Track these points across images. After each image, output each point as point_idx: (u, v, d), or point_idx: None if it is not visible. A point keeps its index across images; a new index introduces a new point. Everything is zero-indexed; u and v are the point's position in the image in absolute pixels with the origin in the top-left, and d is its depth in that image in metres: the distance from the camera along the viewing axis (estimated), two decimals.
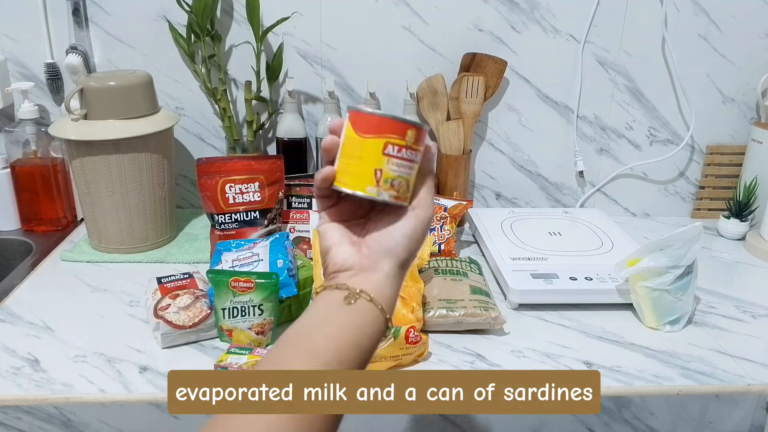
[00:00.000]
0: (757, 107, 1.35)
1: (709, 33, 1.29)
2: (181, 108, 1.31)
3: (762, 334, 0.97)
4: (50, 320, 0.96)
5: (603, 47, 1.29)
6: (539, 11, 1.26)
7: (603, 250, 1.14)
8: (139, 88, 1.11)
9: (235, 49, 1.27)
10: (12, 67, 1.27)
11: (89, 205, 1.14)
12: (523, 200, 1.41)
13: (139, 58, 1.27)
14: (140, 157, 1.11)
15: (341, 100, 1.31)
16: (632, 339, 0.95)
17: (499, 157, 1.37)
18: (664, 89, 1.33)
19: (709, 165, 1.38)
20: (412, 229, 0.55)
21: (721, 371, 0.88)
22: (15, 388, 0.81)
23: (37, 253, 1.18)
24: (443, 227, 1.15)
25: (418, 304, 0.91)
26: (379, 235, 0.55)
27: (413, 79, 1.29)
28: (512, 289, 1.01)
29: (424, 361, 0.89)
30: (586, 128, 1.36)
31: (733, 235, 1.30)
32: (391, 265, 0.54)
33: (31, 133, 1.21)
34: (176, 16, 1.22)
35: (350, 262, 0.55)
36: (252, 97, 1.24)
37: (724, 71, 1.32)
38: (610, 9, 1.27)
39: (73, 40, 1.24)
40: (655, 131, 1.36)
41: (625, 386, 0.85)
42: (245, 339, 0.89)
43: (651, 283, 0.95)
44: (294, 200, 1.16)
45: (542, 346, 0.93)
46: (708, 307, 1.05)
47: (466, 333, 0.95)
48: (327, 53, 1.28)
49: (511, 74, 1.30)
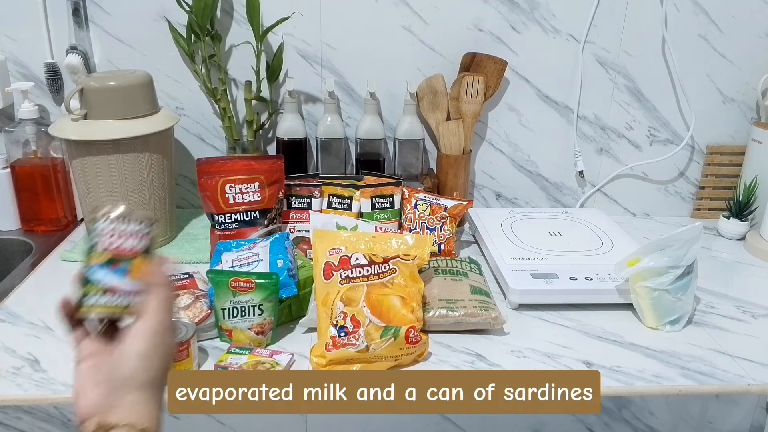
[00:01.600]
0: (757, 107, 1.35)
1: (709, 33, 1.29)
2: (181, 108, 1.31)
3: (762, 334, 0.97)
4: (50, 320, 0.96)
5: (603, 47, 1.29)
6: (539, 11, 1.26)
7: (603, 250, 1.14)
8: (139, 88, 1.11)
9: (235, 49, 1.27)
10: (12, 67, 1.27)
11: (89, 205, 1.14)
12: (523, 200, 1.41)
13: (139, 58, 1.27)
14: (140, 157, 1.11)
15: (341, 100, 1.31)
16: (632, 339, 0.95)
17: (499, 157, 1.37)
18: (664, 89, 1.33)
19: (709, 165, 1.38)
20: (144, 346, 0.51)
21: (721, 371, 0.88)
22: (15, 388, 0.81)
23: (37, 253, 1.18)
24: (443, 227, 1.15)
25: (418, 304, 0.91)
26: (113, 367, 0.51)
27: (413, 79, 1.29)
28: (512, 289, 1.01)
29: (424, 361, 0.89)
30: (586, 128, 1.36)
31: (733, 235, 1.30)
32: (135, 394, 0.51)
33: (31, 133, 1.21)
34: (176, 16, 1.22)
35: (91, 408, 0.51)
36: (252, 97, 1.25)
37: (724, 71, 1.32)
38: (610, 9, 1.27)
39: (73, 40, 1.24)
40: (655, 131, 1.36)
41: (625, 386, 0.85)
42: (245, 339, 0.89)
43: (651, 283, 0.95)
44: (294, 200, 1.16)
45: (542, 346, 0.93)
46: (708, 307, 1.05)
47: (466, 333, 0.95)
48: (327, 53, 1.28)
49: (511, 74, 1.30)
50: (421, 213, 1.16)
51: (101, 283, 0.54)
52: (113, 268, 0.54)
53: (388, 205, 1.17)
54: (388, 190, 1.17)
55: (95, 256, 0.54)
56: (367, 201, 1.16)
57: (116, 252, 0.54)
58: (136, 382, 0.51)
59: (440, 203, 1.16)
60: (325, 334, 0.86)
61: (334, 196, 1.16)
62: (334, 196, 1.16)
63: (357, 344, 0.84)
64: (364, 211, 1.16)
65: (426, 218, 1.15)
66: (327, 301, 0.88)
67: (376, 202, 1.16)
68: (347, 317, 0.85)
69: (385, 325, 0.85)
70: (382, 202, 1.17)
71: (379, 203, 1.17)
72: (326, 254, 0.92)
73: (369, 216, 1.16)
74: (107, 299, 0.53)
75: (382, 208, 1.17)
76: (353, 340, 0.84)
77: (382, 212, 1.17)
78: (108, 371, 0.52)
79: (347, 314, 0.86)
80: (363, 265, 0.90)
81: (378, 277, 0.90)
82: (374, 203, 1.16)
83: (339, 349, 0.84)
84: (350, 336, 0.84)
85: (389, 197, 1.17)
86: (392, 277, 0.91)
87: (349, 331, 0.85)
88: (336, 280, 0.89)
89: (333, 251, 0.92)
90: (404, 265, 0.92)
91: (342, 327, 0.85)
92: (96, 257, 0.54)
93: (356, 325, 0.85)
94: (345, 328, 0.85)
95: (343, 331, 0.85)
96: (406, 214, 1.18)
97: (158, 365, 0.52)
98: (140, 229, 0.55)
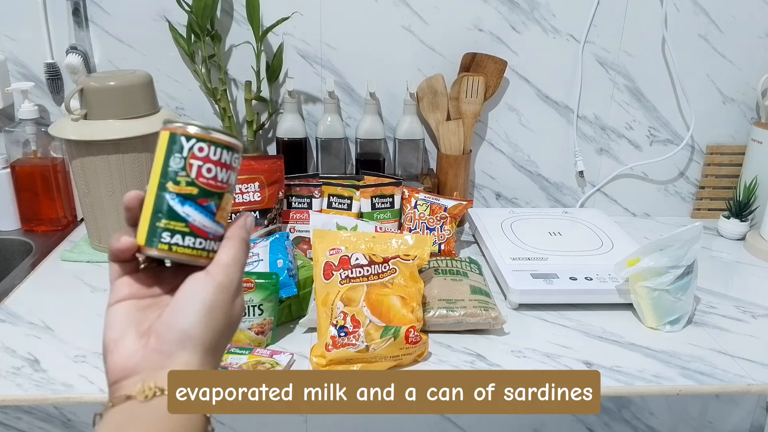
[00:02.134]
0: (757, 107, 1.35)
1: (709, 33, 1.29)
2: (181, 108, 1.31)
3: (762, 334, 0.97)
4: (50, 320, 0.96)
5: (603, 47, 1.29)
6: (539, 11, 1.26)
7: (603, 250, 1.14)
8: (139, 88, 1.11)
9: (235, 49, 1.27)
10: (12, 67, 1.27)
11: (89, 205, 1.14)
12: (523, 200, 1.41)
13: (139, 58, 1.27)
14: (140, 157, 1.11)
15: (341, 100, 1.31)
16: (632, 339, 0.95)
17: (499, 157, 1.37)
18: (664, 89, 1.33)
19: (709, 165, 1.38)
20: (211, 297, 0.43)
21: (721, 371, 0.88)
22: (15, 388, 0.81)
23: (37, 253, 1.18)
24: (443, 227, 1.15)
25: (418, 304, 0.91)
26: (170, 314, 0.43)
27: (413, 79, 1.29)
28: (512, 289, 1.01)
29: (424, 361, 0.89)
30: (586, 128, 1.36)
31: (733, 235, 1.30)
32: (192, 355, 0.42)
33: (31, 133, 1.21)
34: (176, 16, 1.22)
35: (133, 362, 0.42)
36: (252, 97, 1.25)
37: (724, 71, 1.32)
38: (610, 9, 1.27)
39: (73, 40, 1.24)
40: (655, 131, 1.36)
41: (625, 386, 0.85)
42: (245, 339, 0.89)
43: (651, 283, 0.95)
44: (294, 200, 1.16)
45: (542, 346, 0.93)
46: (708, 307, 1.05)
47: (466, 333, 0.95)
48: (327, 53, 1.28)
49: (511, 74, 1.30)
50: (421, 213, 1.16)
51: (189, 219, 0.44)
52: (201, 204, 0.44)
53: (388, 205, 1.17)
54: (388, 190, 1.17)
55: (181, 184, 0.44)
56: (367, 201, 1.16)
57: (207, 184, 0.44)
58: (194, 340, 0.42)
59: (440, 203, 1.16)
60: (325, 334, 0.86)
61: (334, 196, 1.16)
62: (334, 196, 1.16)
63: (357, 344, 0.84)
64: (364, 211, 1.16)
65: (426, 218, 1.15)
66: (327, 301, 0.88)
67: (376, 202, 1.16)
68: (347, 317, 0.85)
69: (385, 325, 0.85)
70: (382, 202, 1.17)
71: (379, 203, 1.17)
72: (326, 254, 0.92)
73: (369, 216, 1.16)
74: (191, 241, 0.44)
75: (382, 208, 1.17)
76: (353, 340, 0.84)
77: (382, 212, 1.17)
78: (158, 321, 0.43)
79: (347, 314, 0.86)
80: (363, 265, 0.90)
81: (378, 277, 0.90)
82: (374, 203, 1.16)
83: (339, 349, 0.84)
84: (350, 336, 0.84)
85: (389, 197, 1.17)
86: (392, 277, 0.91)
87: (349, 331, 0.85)
88: (336, 280, 0.89)
89: (333, 251, 0.92)
90: (404, 265, 0.92)
91: (342, 327, 0.85)
92: (182, 186, 0.44)
93: (356, 325, 0.85)
94: (345, 328, 0.85)
95: (343, 331, 0.85)
96: (406, 214, 1.18)
97: (222, 327, 0.44)
98: (232, 158, 0.45)
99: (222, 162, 0.45)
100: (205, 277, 0.44)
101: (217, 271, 0.44)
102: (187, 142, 0.44)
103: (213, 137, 0.44)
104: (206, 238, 0.45)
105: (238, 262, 0.45)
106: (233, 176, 0.46)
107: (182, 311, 0.43)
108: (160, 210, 0.44)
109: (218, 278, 0.44)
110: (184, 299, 0.43)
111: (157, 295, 0.46)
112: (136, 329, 0.44)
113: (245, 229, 0.47)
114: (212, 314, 0.43)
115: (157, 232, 0.44)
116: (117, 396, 0.41)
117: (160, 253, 0.44)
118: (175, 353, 0.42)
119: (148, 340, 0.43)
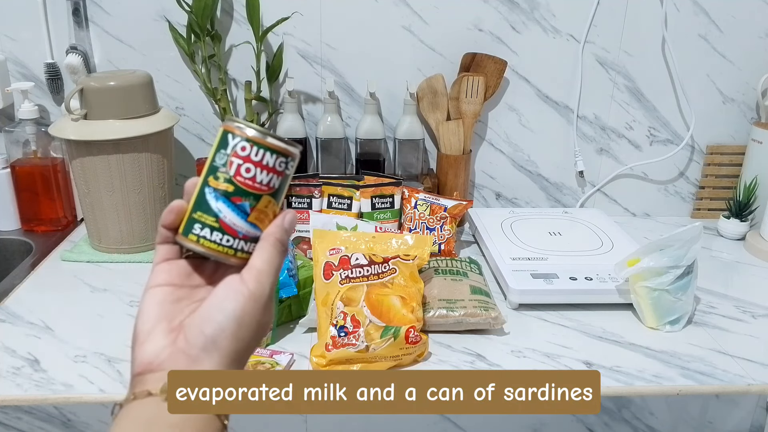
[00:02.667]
0: (757, 107, 1.35)
1: (709, 33, 1.29)
2: (181, 108, 1.31)
3: (762, 334, 0.97)
4: (50, 320, 0.96)
5: (603, 47, 1.29)
6: (539, 11, 1.26)
7: (603, 250, 1.14)
8: (139, 88, 1.11)
9: (235, 49, 1.27)
10: (12, 67, 1.27)
11: (89, 205, 1.14)
12: (523, 200, 1.41)
13: (139, 58, 1.27)
14: (140, 157, 1.11)
15: (341, 100, 1.31)
16: (632, 339, 0.95)
17: (499, 157, 1.37)
18: (664, 89, 1.33)
19: (709, 165, 1.38)
20: (241, 309, 0.43)
21: (721, 371, 0.88)
22: (15, 388, 0.81)
23: (37, 253, 1.18)
24: (443, 227, 1.15)
25: (418, 304, 0.91)
26: (200, 318, 0.43)
27: (413, 79, 1.29)
28: (512, 289, 1.01)
29: (424, 361, 0.89)
30: (586, 128, 1.36)
31: (733, 235, 1.30)
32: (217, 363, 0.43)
33: (31, 133, 1.21)
34: (176, 16, 1.22)
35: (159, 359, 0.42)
36: (252, 97, 1.25)
37: (724, 71, 1.32)
38: (610, 9, 1.27)
39: (73, 40, 1.24)
40: (655, 131, 1.36)
41: (625, 386, 0.85)
42: None
43: (651, 283, 0.95)
44: (294, 200, 1.16)
45: (542, 346, 0.93)
46: (708, 307, 1.05)
47: (466, 333, 0.95)
48: (327, 53, 1.28)
49: (511, 74, 1.30)
50: (421, 213, 1.16)
51: (220, 215, 0.45)
52: (235, 202, 0.45)
53: (388, 205, 1.17)
54: (388, 190, 1.17)
55: (219, 180, 0.45)
56: (367, 201, 1.16)
57: (244, 184, 0.45)
58: (221, 351, 0.42)
59: (440, 203, 1.16)
60: (325, 334, 0.86)
61: (334, 196, 1.16)
62: (334, 196, 1.16)
63: (357, 344, 0.84)
64: (364, 211, 1.16)
65: (426, 218, 1.15)
66: (327, 301, 0.88)
67: (376, 202, 1.16)
68: (347, 317, 0.85)
69: (385, 325, 0.85)
70: (382, 202, 1.17)
71: (379, 203, 1.17)
72: (326, 254, 0.92)
73: (369, 216, 1.16)
74: (218, 237, 0.45)
75: (382, 208, 1.17)
76: (353, 340, 0.84)
77: (382, 212, 1.17)
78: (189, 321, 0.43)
79: (347, 314, 0.86)
80: (363, 265, 0.90)
81: (378, 277, 0.90)
82: (374, 203, 1.16)
83: (339, 349, 0.84)
84: (350, 336, 0.84)
85: (389, 197, 1.17)
86: (392, 277, 0.91)
87: (349, 331, 0.85)
88: (336, 280, 0.89)
89: (333, 251, 0.92)
90: (404, 265, 0.92)
91: (342, 327, 0.85)
92: (220, 182, 0.45)
93: (356, 325, 0.85)
94: (345, 328, 0.85)
95: (343, 331, 0.85)
96: (406, 214, 1.18)
97: (249, 338, 0.43)
98: (278, 162, 0.46)
99: (264, 164, 0.46)
100: (239, 286, 0.43)
101: (250, 277, 0.44)
102: (233, 140, 0.46)
103: (255, 137, 0.45)
104: (235, 236, 0.46)
105: (272, 267, 0.45)
106: (278, 181, 0.47)
107: (212, 319, 0.43)
108: (198, 201, 0.46)
109: (250, 286, 0.43)
110: (215, 307, 0.43)
111: (195, 287, 0.47)
112: (168, 324, 0.44)
113: (282, 229, 0.46)
114: (241, 326, 0.43)
115: (192, 222, 0.46)
116: (139, 390, 0.42)
117: (189, 244, 0.46)
118: (201, 359, 0.42)
119: (176, 338, 0.43)
